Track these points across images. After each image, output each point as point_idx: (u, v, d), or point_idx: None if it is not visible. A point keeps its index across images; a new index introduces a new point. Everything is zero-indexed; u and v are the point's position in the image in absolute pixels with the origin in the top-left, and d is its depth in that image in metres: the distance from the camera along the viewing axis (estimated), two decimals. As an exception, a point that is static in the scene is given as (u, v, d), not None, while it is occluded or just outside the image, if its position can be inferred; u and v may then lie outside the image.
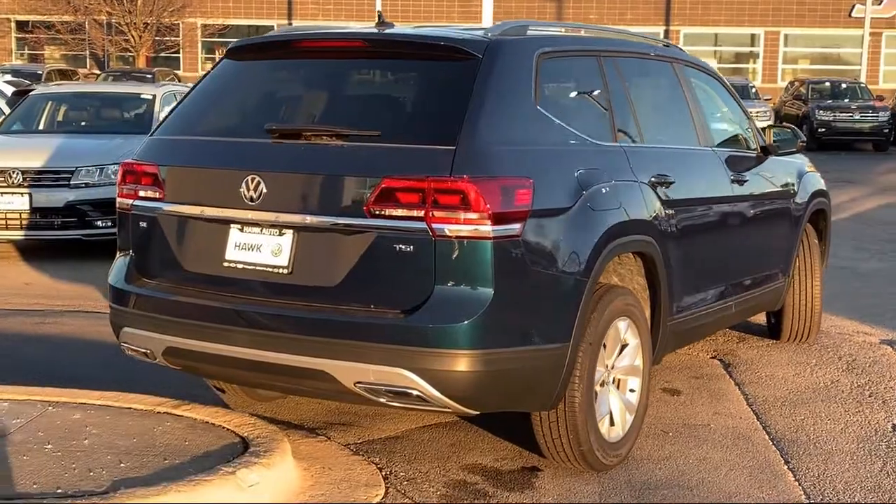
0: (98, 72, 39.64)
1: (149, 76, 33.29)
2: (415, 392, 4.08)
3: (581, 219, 4.42)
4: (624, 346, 4.83)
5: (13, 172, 10.38)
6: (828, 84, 30.68)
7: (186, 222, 4.60)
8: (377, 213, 4.12)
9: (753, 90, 30.96)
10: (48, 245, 10.94)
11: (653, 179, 5.03)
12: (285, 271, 4.33)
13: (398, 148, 4.21)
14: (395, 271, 4.12)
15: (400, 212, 4.09)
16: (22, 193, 10.36)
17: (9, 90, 18.47)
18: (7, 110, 15.06)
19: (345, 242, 4.21)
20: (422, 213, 4.05)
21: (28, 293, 8.98)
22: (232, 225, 4.47)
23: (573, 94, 4.83)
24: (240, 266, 4.44)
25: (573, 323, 4.35)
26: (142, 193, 4.74)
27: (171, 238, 4.65)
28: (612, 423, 4.77)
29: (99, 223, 10.53)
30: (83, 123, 12.27)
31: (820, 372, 6.55)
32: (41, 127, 12.11)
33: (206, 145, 4.66)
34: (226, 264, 4.48)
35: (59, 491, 3.98)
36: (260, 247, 4.40)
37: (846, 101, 28.78)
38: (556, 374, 4.31)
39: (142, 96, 12.35)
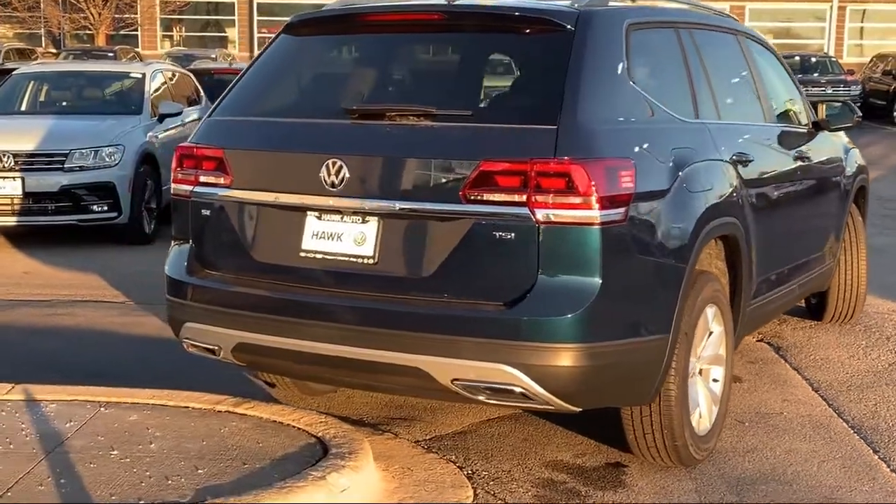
0: (55, 50, 38.69)
1: (110, 54, 32.53)
2: (518, 389, 3.84)
3: (680, 201, 4.19)
4: (709, 335, 4.62)
5: (4, 156, 9.92)
6: (798, 58, 30.66)
7: (257, 210, 4.30)
8: (474, 198, 3.85)
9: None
10: (36, 231, 10.50)
11: (734, 158, 4.82)
12: (370, 261, 4.06)
13: (495, 128, 3.95)
14: (494, 260, 3.86)
15: (499, 196, 3.82)
16: (14, 178, 9.91)
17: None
18: (-18, 91, 14.49)
19: (437, 230, 3.94)
20: (524, 198, 3.79)
21: (29, 283, 8.60)
22: (309, 212, 4.18)
23: (658, 69, 4.58)
24: (318, 256, 4.16)
25: (673, 312, 4.13)
26: (203, 179, 4.42)
27: (239, 226, 4.35)
28: (699, 416, 4.57)
29: (95, 207, 10.14)
30: (72, 104, 11.81)
31: (873, 354, 6.40)
32: (26, 108, 11.63)
33: (277, 127, 4.36)
34: (302, 254, 4.18)
35: (142, 502, 3.69)
36: (341, 235, 4.12)
37: (816, 75, 28.83)
38: (657, 366, 4.09)
39: (131, 75, 11.90)
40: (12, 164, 9.93)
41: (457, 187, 3.88)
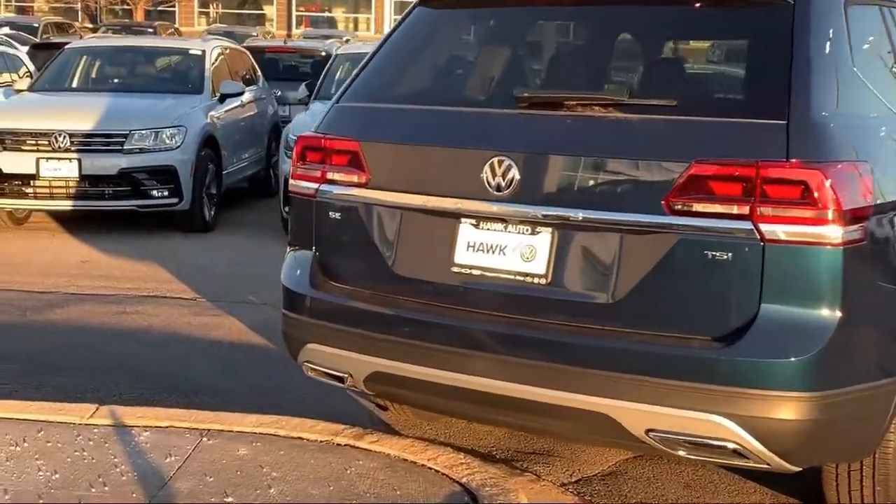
0: (91, 25, 38.21)
1: (150, 30, 32.02)
2: (731, 445, 3.14)
3: None
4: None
5: (60, 135, 9.29)
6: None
7: (399, 214, 3.61)
8: (680, 208, 3.15)
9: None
10: (89, 215, 9.86)
11: (947, 162, 4.09)
12: (542, 281, 3.37)
13: (707, 122, 3.23)
14: (703, 285, 3.16)
15: (714, 207, 3.12)
16: (70, 159, 9.28)
17: (18, 44, 17.33)
18: (29, 63, 13.90)
19: (630, 246, 3.24)
20: (746, 210, 3.08)
21: (88, 273, 7.98)
22: (464, 219, 3.49)
23: (871, 53, 3.84)
24: (475, 272, 3.47)
25: (904, 350, 3.42)
26: (332, 176, 3.75)
27: (376, 233, 3.66)
28: (906, 466, 3.86)
29: (155, 193, 9.51)
30: (127, 81, 11.17)
31: None
32: (79, 84, 10.98)
33: (425, 116, 3.66)
34: (455, 269, 3.50)
35: (277, 574, 3.05)
36: (504, 248, 3.43)
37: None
38: (885, 414, 3.38)
39: (190, 52, 11.21)
40: (68, 143, 9.29)
41: (658, 194, 3.17)
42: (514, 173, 3.35)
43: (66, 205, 9.43)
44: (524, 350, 3.35)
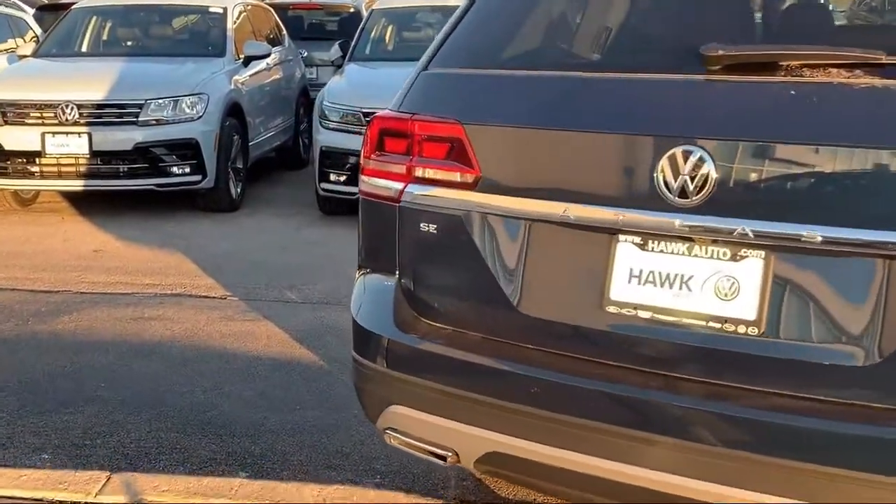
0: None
1: (165, -10, 30.83)
2: None
3: None
4: None
5: (66, 107, 8.25)
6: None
7: (525, 228, 2.52)
8: None
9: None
10: (98, 195, 8.81)
11: None
12: (751, 330, 2.28)
13: None
14: None
15: None
16: (79, 133, 8.24)
17: (27, 6, 16.26)
18: (36, 27, 12.82)
19: None
20: None
21: (102, 265, 6.97)
22: (623, 237, 2.41)
23: None
24: (642, 314, 2.39)
25: None
26: (424, 173, 2.66)
27: (490, 254, 2.58)
28: None
29: (175, 169, 8.47)
30: (142, 44, 10.05)
31: None
32: (88, 49, 9.90)
33: (564, 86, 2.55)
34: (611, 309, 2.42)
35: None
36: (688, 279, 2.34)
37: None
38: None
39: (210, 10, 10.08)
40: (76, 116, 8.25)
41: (945, 204, 2.09)
42: (708, 170, 2.26)
43: (76, 185, 8.41)
44: (725, 434, 2.27)
